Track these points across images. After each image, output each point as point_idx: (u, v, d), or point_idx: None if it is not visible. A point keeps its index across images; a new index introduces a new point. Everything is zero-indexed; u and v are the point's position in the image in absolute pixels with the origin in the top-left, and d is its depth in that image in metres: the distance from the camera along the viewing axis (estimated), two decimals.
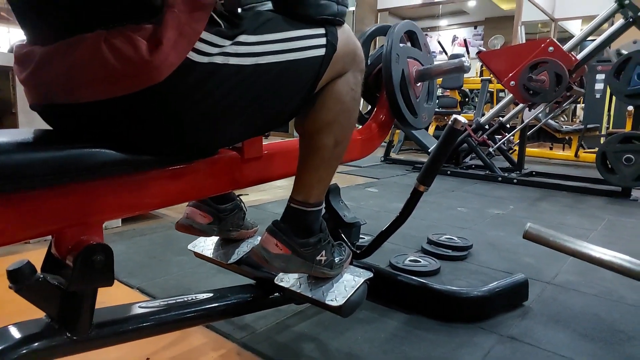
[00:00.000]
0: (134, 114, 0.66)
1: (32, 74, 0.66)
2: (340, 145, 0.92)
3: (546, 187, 3.51)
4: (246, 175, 0.97)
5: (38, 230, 0.66)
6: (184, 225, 1.08)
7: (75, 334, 0.72)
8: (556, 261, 1.76)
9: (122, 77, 0.61)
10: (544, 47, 3.21)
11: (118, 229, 2.06)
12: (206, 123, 0.71)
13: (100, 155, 0.67)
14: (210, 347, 1.11)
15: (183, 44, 0.63)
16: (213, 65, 0.67)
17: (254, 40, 0.72)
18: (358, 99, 0.94)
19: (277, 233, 0.90)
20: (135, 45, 0.60)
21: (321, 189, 0.93)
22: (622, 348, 1.16)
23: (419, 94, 1.29)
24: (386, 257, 1.67)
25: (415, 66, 1.27)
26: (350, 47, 0.89)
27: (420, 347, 1.13)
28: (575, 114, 7.93)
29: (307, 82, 0.82)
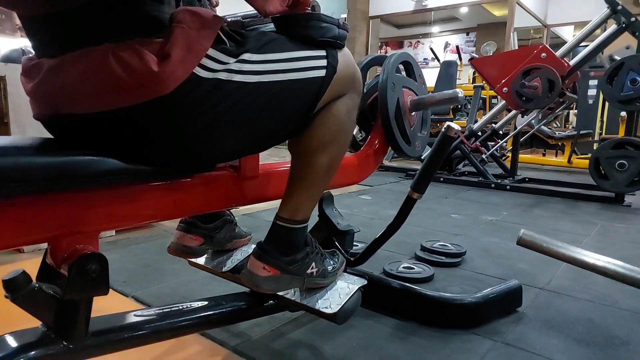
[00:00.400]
0: (138, 125, 0.67)
1: (39, 84, 0.68)
2: (334, 166, 0.94)
3: (539, 194, 3.54)
4: (242, 193, 0.99)
5: (34, 236, 0.67)
6: (175, 250, 1.09)
7: (71, 342, 0.73)
8: (550, 267, 1.77)
9: (129, 88, 0.63)
10: (537, 53, 3.25)
11: (112, 237, 2.06)
12: (206, 136, 0.73)
13: (100, 164, 0.68)
14: (205, 355, 1.11)
15: (190, 59, 0.66)
16: (217, 81, 0.69)
17: (258, 59, 0.74)
18: (354, 121, 0.97)
19: (262, 256, 0.90)
20: (142, 57, 0.62)
21: (309, 206, 0.94)
22: (616, 353, 1.17)
23: (413, 123, 1.33)
24: (380, 264, 1.67)
25: (410, 96, 1.31)
26: (350, 70, 0.92)
27: (415, 353, 1.13)
28: (568, 120, 8.00)
29: (307, 101, 0.84)
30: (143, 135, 0.69)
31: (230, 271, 1.17)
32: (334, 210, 1.24)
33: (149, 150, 0.72)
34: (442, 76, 6.23)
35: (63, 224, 0.68)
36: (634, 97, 3.06)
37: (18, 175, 0.60)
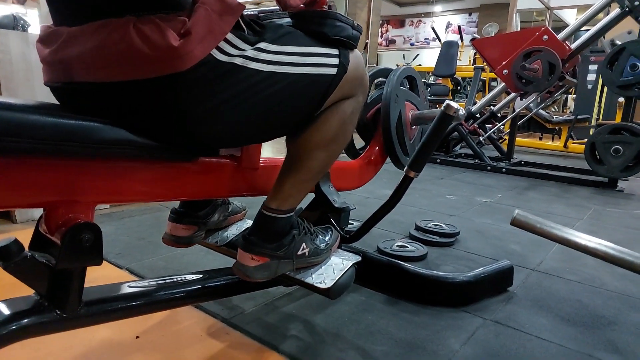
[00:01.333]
0: (149, 99, 0.68)
1: (55, 51, 0.69)
2: (329, 163, 0.96)
3: (534, 177, 3.55)
4: (240, 184, 0.99)
5: (32, 199, 0.67)
6: (170, 241, 1.09)
7: (65, 311, 0.73)
8: (541, 249, 1.79)
9: (147, 62, 0.64)
10: (539, 35, 3.21)
11: (106, 210, 2.05)
12: (214, 117, 0.73)
13: (105, 131, 0.68)
14: (199, 327, 1.13)
15: (210, 40, 0.67)
16: (232, 65, 0.70)
17: (273, 50, 0.76)
18: (355, 123, 0.98)
19: (248, 247, 0.90)
20: (163, 33, 0.63)
21: (298, 198, 0.94)
22: (602, 332, 1.19)
23: (413, 136, 1.36)
24: (374, 242, 1.68)
25: (411, 110, 1.34)
26: (360, 72, 0.93)
27: (406, 328, 1.15)
28: (566, 105, 7.97)
29: (315, 97, 0.85)
30: (152, 110, 0.70)
31: (225, 245, 1.17)
32: (330, 188, 1.24)
33: (155, 125, 0.72)
34: (443, 56, 6.17)
35: (61, 191, 0.68)
36: (633, 83, 3.05)
37: (24, 131, 0.60)
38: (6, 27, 2.66)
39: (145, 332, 1.09)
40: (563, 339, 1.14)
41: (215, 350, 1.03)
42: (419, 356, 1.04)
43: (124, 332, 1.08)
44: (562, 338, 1.15)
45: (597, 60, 5.24)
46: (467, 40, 6.56)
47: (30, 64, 1.84)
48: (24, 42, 1.83)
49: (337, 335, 1.11)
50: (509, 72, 3.28)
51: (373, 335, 1.11)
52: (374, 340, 1.09)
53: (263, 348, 1.05)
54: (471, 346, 1.09)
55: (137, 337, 1.07)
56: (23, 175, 0.65)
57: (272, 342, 1.06)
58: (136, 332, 1.08)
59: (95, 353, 1.01)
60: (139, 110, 0.70)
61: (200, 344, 1.06)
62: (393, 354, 1.04)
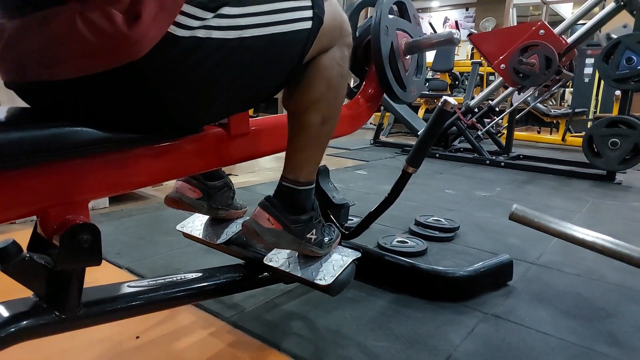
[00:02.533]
0: (114, 92, 0.64)
1: (3, 50, 0.63)
2: (329, 123, 0.91)
3: (533, 170, 3.55)
4: (233, 151, 0.96)
5: (20, 210, 0.65)
6: (173, 198, 1.07)
7: (64, 312, 0.73)
8: (540, 242, 1.79)
9: (100, 53, 0.59)
10: (535, 29, 3.21)
11: (105, 209, 2.05)
12: (189, 99, 0.70)
13: (82, 134, 0.65)
14: (199, 326, 1.12)
15: (164, 17, 0.61)
16: (195, 39, 0.64)
17: (237, 13, 0.69)
18: (345, 74, 0.93)
19: (269, 208, 0.90)
20: (112, 19, 0.57)
21: (311, 168, 0.93)
22: (602, 325, 1.19)
23: (408, 67, 1.26)
24: (374, 237, 1.68)
25: (404, 38, 1.24)
26: (337, 21, 0.87)
27: (406, 324, 1.15)
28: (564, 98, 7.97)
29: (292, 56, 0.80)
30: (122, 102, 0.66)
31: (224, 243, 1.17)
32: (330, 184, 1.24)
33: (131, 118, 0.69)
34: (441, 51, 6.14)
35: (49, 196, 0.66)
36: (629, 76, 3.06)
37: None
38: None
39: (145, 332, 1.09)
40: (563, 332, 1.14)
41: (216, 350, 1.03)
42: (420, 352, 1.04)
43: (124, 332, 1.07)
44: (562, 331, 1.15)
45: (594, 54, 5.24)
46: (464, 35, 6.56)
47: None
48: None
49: (338, 332, 1.11)
50: (506, 66, 3.27)
51: (374, 332, 1.11)
52: (375, 337, 1.09)
53: (264, 346, 1.05)
54: (472, 341, 1.09)
55: (137, 337, 1.07)
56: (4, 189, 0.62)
57: (273, 340, 1.06)
58: (136, 332, 1.08)
59: (95, 354, 1.00)
60: (110, 104, 0.65)
61: (200, 343, 1.06)
62: (394, 350, 1.04)
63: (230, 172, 2.90)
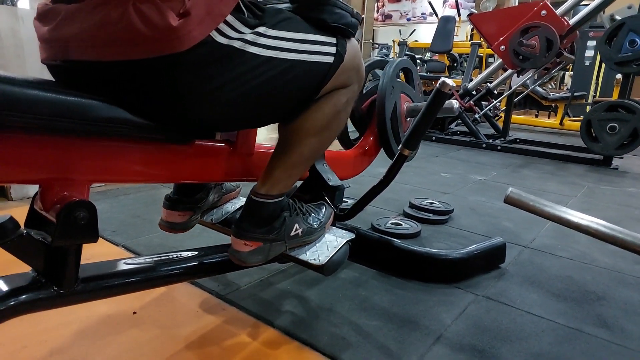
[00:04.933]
0: (147, 79, 0.68)
1: (53, 29, 0.68)
2: (320, 151, 0.96)
3: (529, 155, 3.56)
4: (235, 168, 0.99)
5: (27, 175, 0.67)
6: (166, 227, 1.10)
7: (62, 287, 0.74)
8: (534, 226, 1.81)
9: (145, 41, 0.63)
10: (537, 10, 3.17)
11: (102, 188, 2.05)
12: (210, 100, 0.73)
13: (103, 109, 0.68)
14: (195, 303, 1.14)
15: (209, 21, 0.67)
16: (231, 49, 0.70)
17: (272, 35, 0.76)
18: (349, 112, 0.99)
19: (241, 233, 0.91)
20: (162, 12, 0.63)
21: (287, 184, 0.94)
22: (591, 307, 1.22)
23: (407, 128, 1.35)
24: (369, 219, 1.70)
25: (406, 102, 1.34)
26: (356, 62, 0.93)
27: (399, 304, 1.17)
28: (563, 82, 7.93)
29: (311, 84, 0.85)
30: (149, 90, 0.70)
31: (220, 223, 1.18)
32: (325, 166, 1.24)
33: (152, 106, 0.72)
34: (440, 32, 6.08)
35: (56, 168, 0.68)
36: (631, 59, 3.03)
37: (21, 106, 0.59)
38: None
39: (142, 308, 1.11)
40: (553, 314, 1.17)
41: (211, 326, 1.05)
42: (412, 331, 1.06)
43: (121, 308, 1.09)
44: (552, 313, 1.17)
45: (596, 36, 5.20)
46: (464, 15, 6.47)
47: (20, 39, 1.80)
48: (13, 17, 1.78)
49: (331, 310, 1.13)
50: (506, 48, 3.24)
51: (366, 311, 1.13)
52: (368, 316, 1.11)
53: (258, 323, 1.07)
54: (463, 321, 1.11)
55: (134, 312, 1.08)
56: (18, 151, 0.64)
57: (267, 318, 1.08)
58: (133, 308, 1.10)
59: (93, 328, 1.02)
60: (137, 90, 0.70)
61: (196, 320, 1.07)
62: (386, 329, 1.06)
63: None
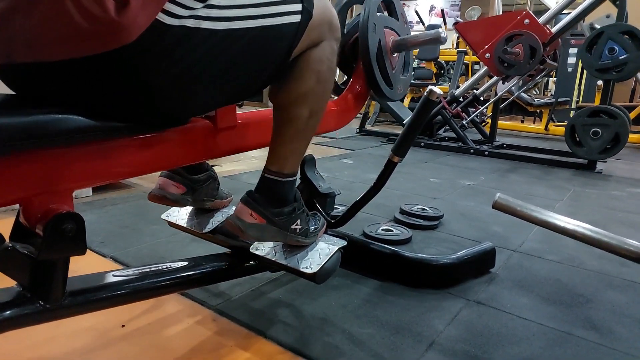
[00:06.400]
0: (101, 77, 0.64)
1: None
2: (315, 116, 0.91)
3: (516, 159, 3.60)
4: (219, 144, 0.96)
5: (3, 198, 0.64)
6: (157, 195, 1.06)
7: (48, 302, 0.72)
8: (523, 230, 1.82)
9: (89, 37, 0.59)
10: (520, 19, 3.22)
11: (88, 198, 2.02)
12: (176, 89, 0.70)
13: (67, 121, 0.65)
14: (185, 314, 1.13)
15: (152, 4, 0.61)
16: (184, 29, 0.65)
17: (227, 4, 0.70)
18: (334, 68, 0.93)
19: (251, 203, 0.90)
20: (102, 3, 0.57)
21: (295, 160, 0.93)
22: (580, 310, 1.23)
23: (395, 64, 1.28)
24: (360, 226, 1.70)
25: (392, 36, 1.25)
26: (327, 15, 0.87)
27: (391, 311, 1.17)
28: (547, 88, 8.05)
29: (281, 49, 0.80)
30: (109, 89, 0.65)
31: (210, 232, 1.17)
32: (316, 173, 1.24)
33: (117, 106, 0.68)
34: None
35: (33, 184, 0.66)
36: (610, 66, 3.10)
37: None
38: None
39: (131, 320, 1.09)
40: (543, 318, 1.17)
41: (202, 338, 1.03)
42: (404, 338, 1.05)
43: (110, 321, 1.07)
44: (542, 317, 1.18)
45: (577, 44, 5.29)
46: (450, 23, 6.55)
47: None
48: None
49: (324, 319, 1.12)
50: (491, 55, 3.29)
51: (359, 319, 1.13)
52: (360, 324, 1.11)
53: (250, 334, 1.05)
54: (455, 327, 1.11)
55: (122, 325, 1.06)
56: None
57: (259, 328, 1.07)
58: (122, 320, 1.08)
59: (81, 343, 1.00)
60: (98, 91, 0.65)
61: (186, 332, 1.06)
62: (379, 337, 1.06)
63: (215, 162, 2.88)
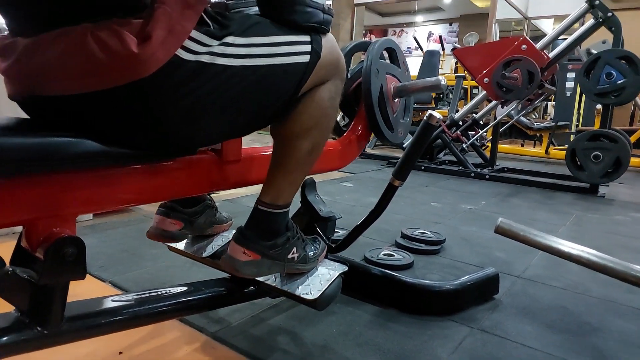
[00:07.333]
0: (118, 108, 0.66)
1: (14, 64, 0.66)
2: (316, 151, 0.94)
3: (517, 183, 3.60)
4: (224, 177, 0.97)
5: (7, 219, 0.65)
6: (155, 234, 1.07)
7: (46, 327, 0.71)
8: (526, 255, 1.81)
9: (108, 70, 0.62)
10: (518, 44, 3.28)
11: (89, 221, 2.02)
12: (187, 120, 0.72)
13: (79, 146, 0.66)
14: (184, 341, 1.11)
15: (172, 40, 0.65)
16: (199, 64, 0.68)
17: (242, 42, 0.74)
18: (337, 106, 0.96)
19: (242, 240, 0.89)
20: (122, 39, 0.61)
21: (291, 192, 0.93)
22: (587, 339, 1.20)
23: (396, 109, 1.33)
24: (361, 251, 1.68)
25: (393, 82, 1.31)
26: (334, 56, 0.91)
27: (394, 339, 1.15)
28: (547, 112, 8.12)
29: (290, 86, 0.83)
30: (122, 119, 0.68)
31: (210, 257, 1.16)
32: (316, 197, 1.24)
33: (128, 134, 0.70)
34: (425, 65, 6.25)
35: (38, 207, 0.66)
36: (609, 91, 3.13)
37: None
38: None
39: (128, 347, 1.07)
40: (549, 347, 1.15)
41: None
42: None
43: (107, 347, 1.05)
44: (548, 345, 1.16)
45: (575, 68, 5.36)
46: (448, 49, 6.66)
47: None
48: None
49: (325, 347, 1.10)
50: (489, 80, 3.33)
51: (361, 347, 1.11)
52: (362, 352, 1.09)
53: None
54: (459, 355, 1.09)
55: (120, 352, 1.04)
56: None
57: (259, 356, 1.04)
58: (119, 347, 1.06)
59: None
60: (111, 120, 0.68)
61: (185, 359, 1.04)
62: None
63: None
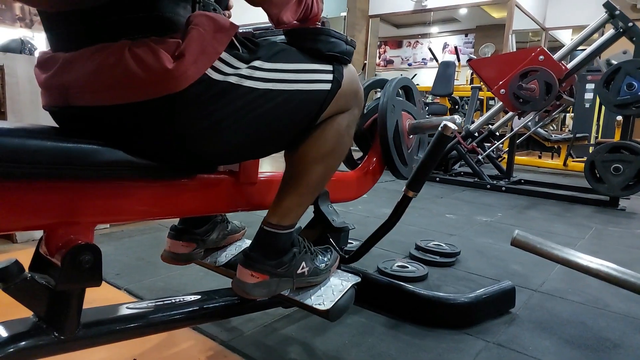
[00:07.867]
0: (147, 119, 0.69)
1: (53, 76, 0.70)
2: (328, 176, 0.97)
3: (534, 196, 3.55)
4: (240, 199, 1.00)
5: (31, 222, 0.67)
6: (168, 258, 1.10)
7: (63, 333, 0.72)
8: (543, 269, 1.78)
9: (143, 84, 0.65)
10: (535, 55, 3.26)
11: (106, 230, 2.05)
12: (210, 136, 0.74)
13: (104, 153, 0.69)
14: (197, 349, 1.11)
15: (204, 60, 0.69)
16: (227, 84, 0.72)
17: (268, 67, 0.78)
18: (352, 135, 1.00)
19: (248, 263, 0.90)
20: (157, 55, 0.65)
21: (298, 214, 0.94)
22: (607, 356, 1.17)
23: (411, 145, 1.36)
24: (374, 262, 1.67)
25: (408, 119, 1.34)
26: (354, 86, 0.94)
27: (407, 352, 1.14)
28: (565, 123, 8.02)
29: (311, 112, 0.86)
30: (150, 131, 0.71)
31: (224, 266, 1.17)
32: (330, 207, 1.24)
33: (153, 146, 0.73)
34: (440, 76, 6.23)
35: (61, 213, 0.68)
36: (630, 102, 3.07)
37: (24, 157, 0.60)
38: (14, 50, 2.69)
39: (142, 354, 1.07)
40: None
41: None
42: None
43: (122, 354, 1.06)
44: None
45: (594, 80, 5.29)
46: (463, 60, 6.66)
47: (36, 86, 1.85)
48: (30, 65, 1.84)
49: (337, 358, 1.09)
50: (506, 91, 3.31)
51: (374, 358, 1.10)
52: None
53: None
54: None
55: (134, 359, 1.05)
56: (22, 199, 0.65)
57: None
58: (133, 354, 1.07)
59: None
60: (138, 132, 0.71)
61: None
62: None
63: None
